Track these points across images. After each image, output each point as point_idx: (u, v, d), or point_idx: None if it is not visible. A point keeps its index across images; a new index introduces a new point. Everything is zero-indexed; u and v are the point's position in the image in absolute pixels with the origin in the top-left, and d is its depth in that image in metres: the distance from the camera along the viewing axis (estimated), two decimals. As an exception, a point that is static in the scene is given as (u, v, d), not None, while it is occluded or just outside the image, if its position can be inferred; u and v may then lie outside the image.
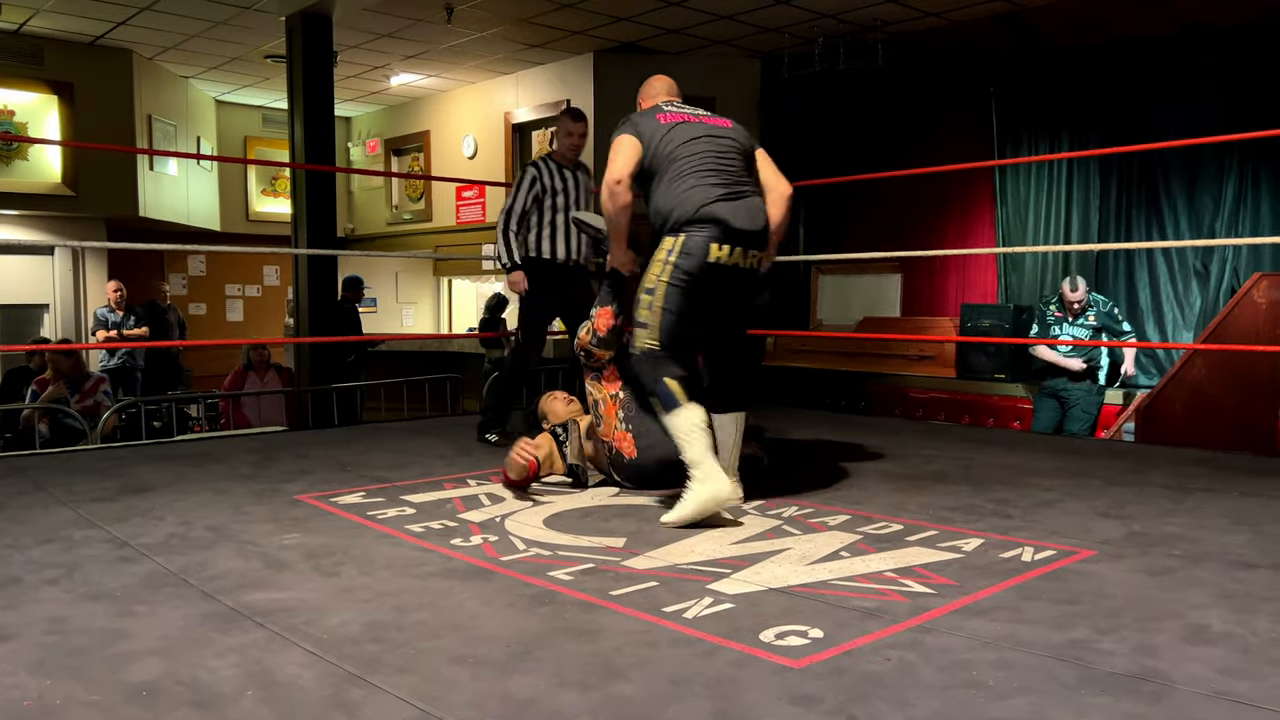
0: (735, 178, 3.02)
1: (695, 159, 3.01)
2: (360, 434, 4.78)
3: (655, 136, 3.07)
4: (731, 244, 2.92)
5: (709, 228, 2.92)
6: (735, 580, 2.23)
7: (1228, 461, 3.86)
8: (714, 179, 2.98)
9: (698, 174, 2.98)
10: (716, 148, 3.05)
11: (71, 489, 3.24)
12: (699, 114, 3.18)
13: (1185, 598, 2.10)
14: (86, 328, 9.07)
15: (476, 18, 7.75)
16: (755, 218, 2.98)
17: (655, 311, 2.98)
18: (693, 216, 2.93)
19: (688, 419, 2.85)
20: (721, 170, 3.00)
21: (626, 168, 3.05)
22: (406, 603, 2.08)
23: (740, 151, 3.10)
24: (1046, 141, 7.74)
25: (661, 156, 3.04)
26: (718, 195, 2.95)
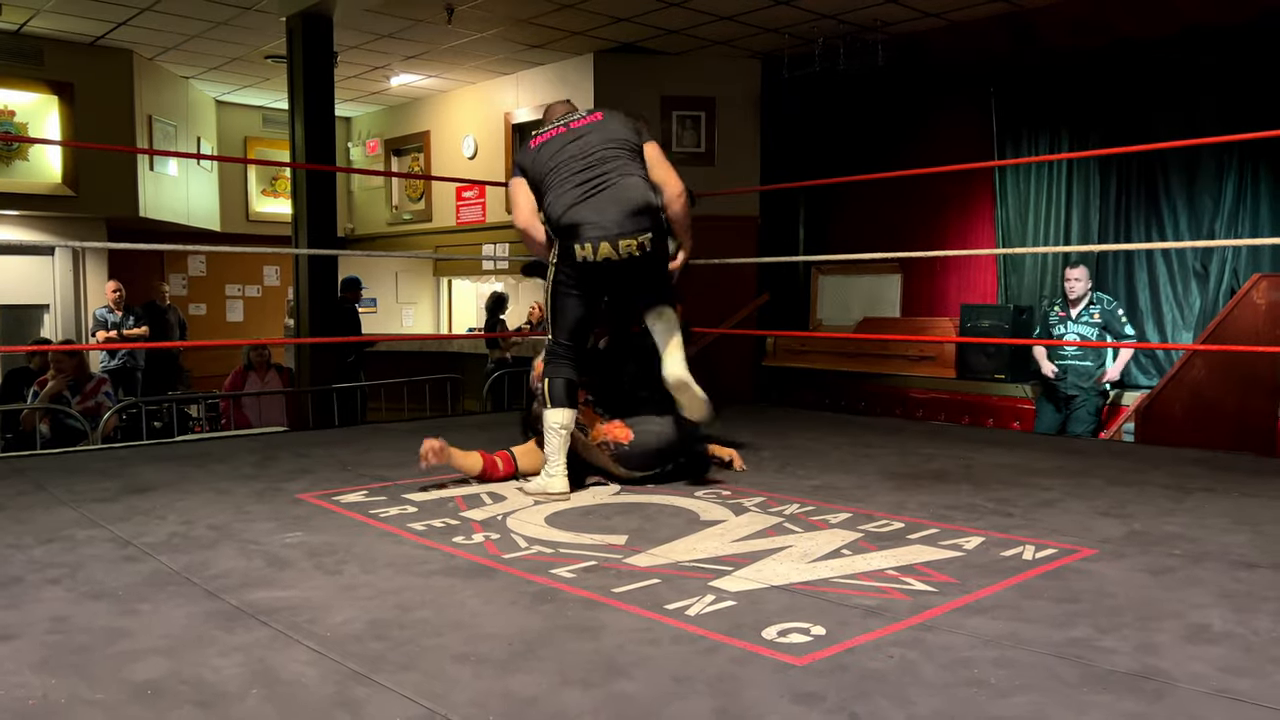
0: (596, 173, 3.15)
1: (558, 170, 3.20)
2: (361, 434, 4.78)
3: (532, 164, 3.29)
4: (597, 240, 3.09)
5: (571, 232, 3.13)
6: (737, 578, 2.23)
7: (1228, 462, 3.86)
8: (572, 183, 3.16)
9: (560, 182, 3.19)
10: (577, 151, 3.21)
11: (73, 489, 3.25)
12: (570, 121, 3.32)
13: (1186, 597, 2.11)
14: (86, 328, 9.07)
15: (477, 18, 7.75)
16: (621, 205, 3.10)
17: (548, 313, 3.33)
18: (557, 225, 3.17)
19: (554, 418, 3.19)
20: (581, 171, 3.17)
21: (528, 208, 3.29)
22: (409, 601, 2.08)
23: (606, 146, 3.21)
24: (1046, 142, 7.74)
25: (540, 177, 3.26)
26: (575, 199, 3.13)
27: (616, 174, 3.15)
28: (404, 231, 11.29)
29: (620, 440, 3.30)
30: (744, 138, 8.77)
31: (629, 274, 3.19)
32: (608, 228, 3.09)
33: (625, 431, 3.32)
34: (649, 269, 3.23)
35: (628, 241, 3.10)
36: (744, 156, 8.67)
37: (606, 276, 3.18)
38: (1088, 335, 5.95)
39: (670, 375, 3.22)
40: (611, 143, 3.22)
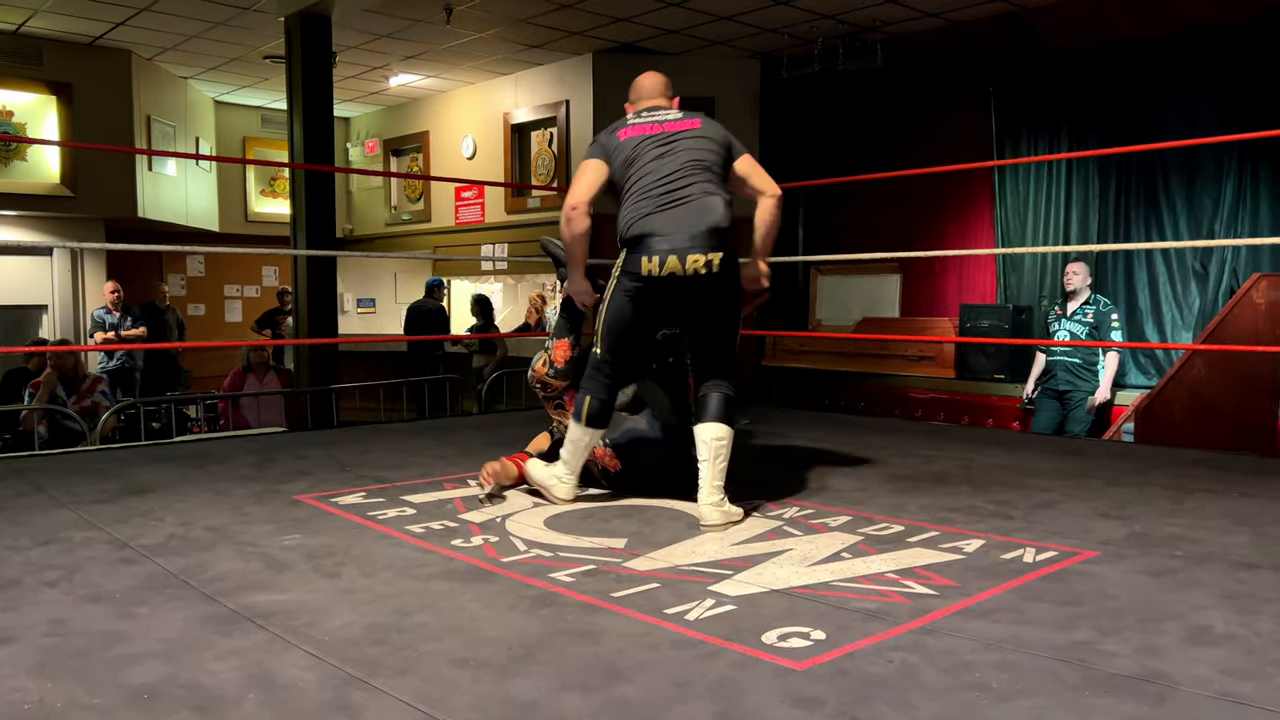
0: (678, 187, 2.95)
1: (640, 175, 2.98)
2: (360, 435, 4.77)
3: (616, 156, 3.05)
4: (665, 254, 2.86)
5: (644, 241, 2.91)
6: (737, 581, 2.23)
7: (1228, 462, 3.86)
8: (656, 190, 2.94)
9: (639, 189, 2.97)
10: (665, 159, 2.99)
11: (71, 490, 3.24)
12: (664, 120, 3.08)
13: (1188, 599, 2.10)
14: (84, 329, 9.05)
15: (475, 18, 7.74)
16: (697, 220, 2.89)
17: (601, 321, 3.06)
18: (629, 232, 2.95)
19: (580, 435, 3.06)
20: (663, 181, 2.95)
21: (587, 193, 3.03)
22: (407, 604, 2.07)
23: (697, 157, 3.01)
24: (1045, 142, 7.73)
25: (621, 174, 3.03)
26: (653, 208, 2.92)
27: (700, 192, 2.95)
28: (403, 232, 11.28)
29: (608, 468, 3.26)
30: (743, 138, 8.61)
31: (692, 301, 2.95)
32: (677, 242, 2.87)
33: (614, 461, 3.23)
34: (714, 302, 2.98)
35: (695, 257, 2.86)
36: (743, 156, 8.65)
37: (669, 297, 2.93)
38: (1078, 333, 5.95)
39: (706, 520, 2.81)
40: (700, 158, 3.02)
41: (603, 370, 3.05)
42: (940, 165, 6.00)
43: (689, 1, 7.31)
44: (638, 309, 2.97)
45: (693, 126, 3.07)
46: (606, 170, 3.05)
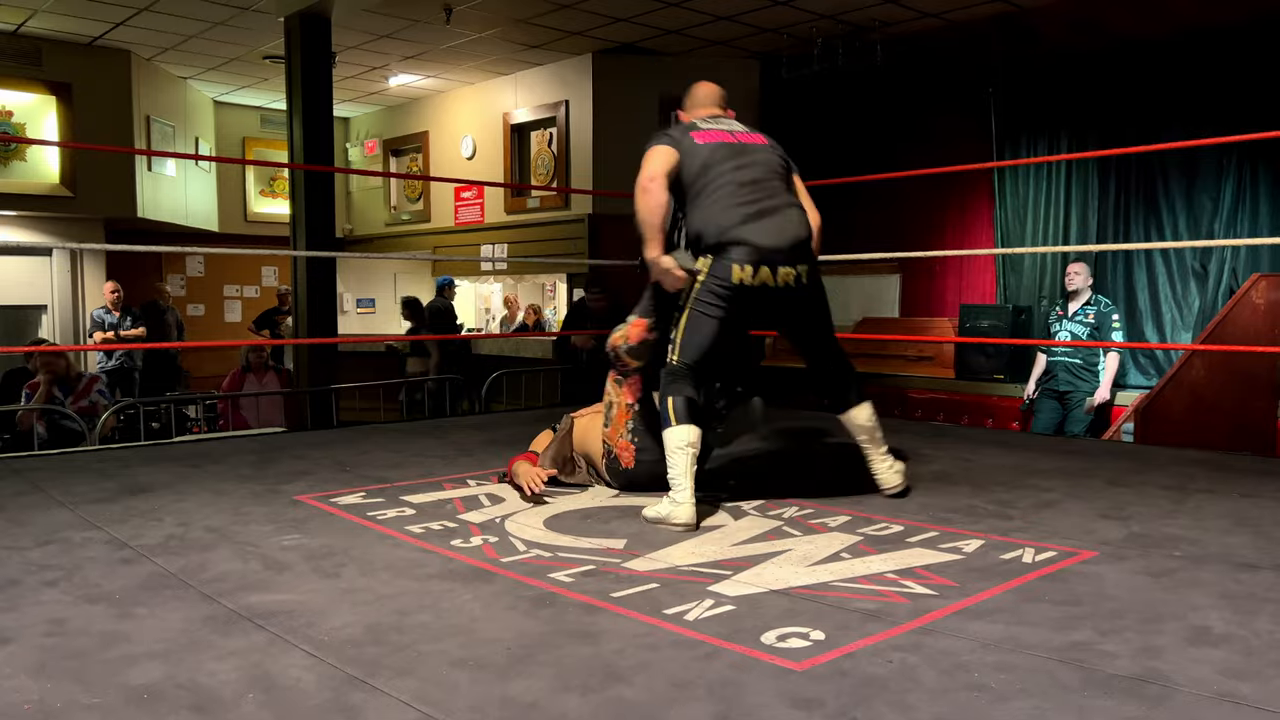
0: (762, 195, 2.99)
1: (718, 179, 2.99)
2: (359, 435, 4.77)
3: (690, 155, 3.04)
4: (757, 264, 2.89)
5: (734, 250, 2.91)
6: (736, 582, 2.23)
7: (1228, 462, 3.86)
8: (736, 199, 2.96)
9: (719, 195, 2.97)
10: (744, 167, 3.02)
11: (70, 490, 3.24)
12: (735, 131, 3.13)
13: (1187, 599, 2.10)
14: (84, 329, 9.06)
15: (475, 18, 7.75)
16: (785, 232, 2.95)
17: (680, 330, 3.03)
18: (718, 239, 2.93)
19: (678, 437, 2.89)
20: (745, 188, 2.98)
21: (662, 168, 3.03)
22: (407, 605, 2.07)
23: (773, 169, 3.08)
24: (1045, 142, 7.74)
25: (694, 176, 3.02)
26: (744, 216, 2.93)
27: (785, 203, 3.02)
28: (402, 232, 11.28)
29: (620, 460, 3.25)
30: (743, 138, 8.75)
31: (781, 310, 3.02)
32: (769, 254, 2.90)
33: (630, 458, 3.23)
34: (806, 308, 3.07)
35: (786, 270, 2.92)
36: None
37: (756, 307, 2.97)
38: (1079, 334, 5.96)
39: (889, 485, 3.12)
40: (776, 170, 3.09)
41: (679, 373, 2.99)
42: (940, 165, 6.00)
43: (689, 1, 7.31)
44: (722, 316, 2.96)
45: (761, 141, 3.14)
46: (677, 157, 3.05)
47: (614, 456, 3.26)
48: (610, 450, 3.28)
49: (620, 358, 3.30)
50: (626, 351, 3.29)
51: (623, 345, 3.29)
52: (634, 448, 3.23)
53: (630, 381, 3.29)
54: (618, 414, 3.28)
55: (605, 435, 3.31)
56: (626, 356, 3.29)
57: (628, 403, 3.27)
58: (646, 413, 3.22)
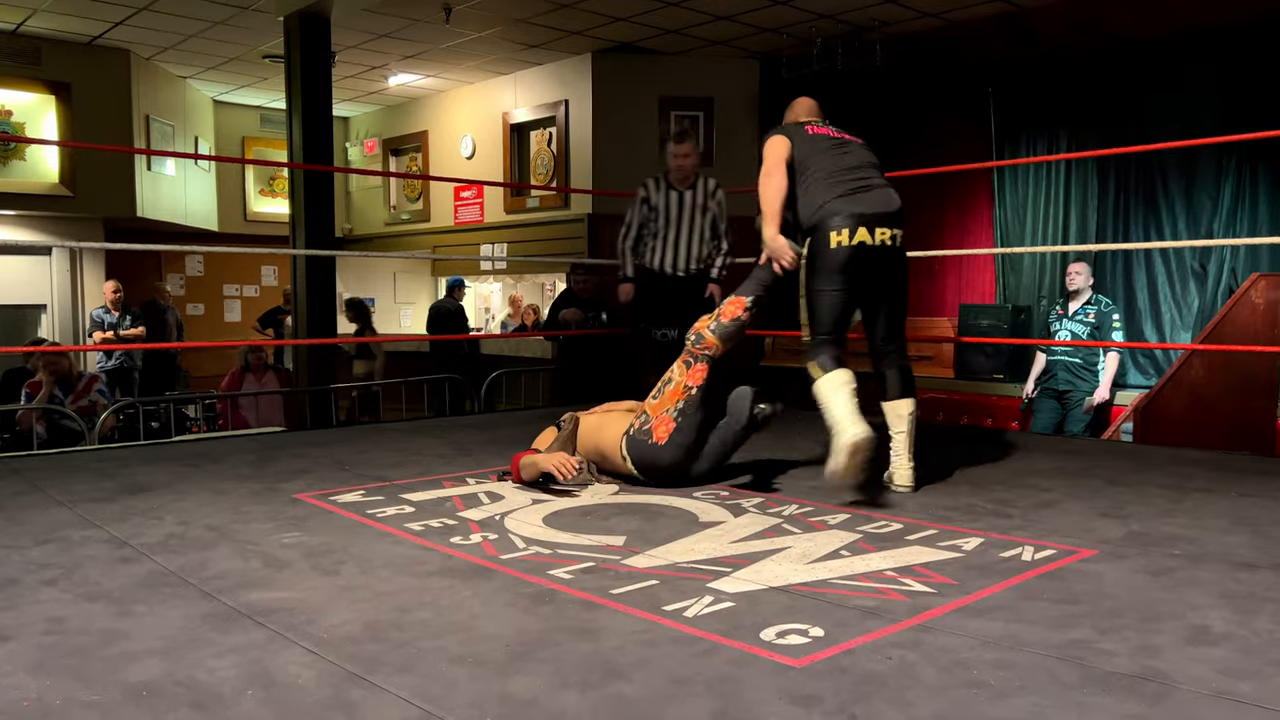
0: (862, 176, 3.32)
1: (824, 165, 3.32)
2: (359, 434, 4.77)
3: (801, 144, 3.39)
4: (854, 228, 3.17)
5: (831, 220, 3.20)
6: (735, 579, 2.23)
7: (1227, 462, 3.86)
8: (841, 179, 3.29)
9: (827, 176, 3.30)
10: (846, 155, 3.38)
11: (69, 489, 3.24)
12: (836, 130, 3.53)
13: (1186, 598, 2.10)
14: (83, 328, 9.05)
15: (475, 18, 7.75)
16: (885, 202, 3.25)
17: (803, 312, 3.35)
18: (817, 213, 3.25)
19: (829, 382, 3.14)
20: (848, 171, 3.31)
21: (781, 156, 3.35)
22: (406, 602, 2.07)
23: (870, 160, 3.43)
24: (1045, 141, 7.74)
25: (803, 163, 3.35)
26: (843, 191, 3.25)
27: (882, 184, 3.34)
28: (402, 231, 11.28)
29: (654, 432, 3.25)
30: (742, 138, 8.76)
31: (880, 272, 3.26)
32: (867, 218, 3.19)
33: (665, 434, 3.25)
34: (896, 275, 3.32)
35: (883, 231, 3.20)
36: (742, 156, 8.65)
37: (859, 266, 3.21)
38: (1079, 333, 5.96)
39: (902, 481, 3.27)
40: (873, 161, 3.45)
41: (819, 341, 3.26)
42: (940, 165, 6.00)
43: (688, 1, 7.31)
44: (834, 286, 3.23)
45: (858, 141, 3.51)
46: (790, 146, 3.38)
47: (647, 428, 3.28)
48: (647, 421, 3.29)
49: (704, 338, 3.34)
50: (715, 330, 3.34)
51: (712, 325, 3.35)
52: (674, 425, 3.26)
53: (698, 367, 3.33)
54: (672, 390, 3.32)
55: (649, 405, 3.35)
56: (711, 335, 3.34)
57: (687, 384, 3.31)
58: (700, 403, 3.29)
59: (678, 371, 3.35)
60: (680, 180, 5.03)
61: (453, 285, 9.56)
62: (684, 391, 3.30)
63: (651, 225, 5.05)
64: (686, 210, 5.02)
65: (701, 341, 3.34)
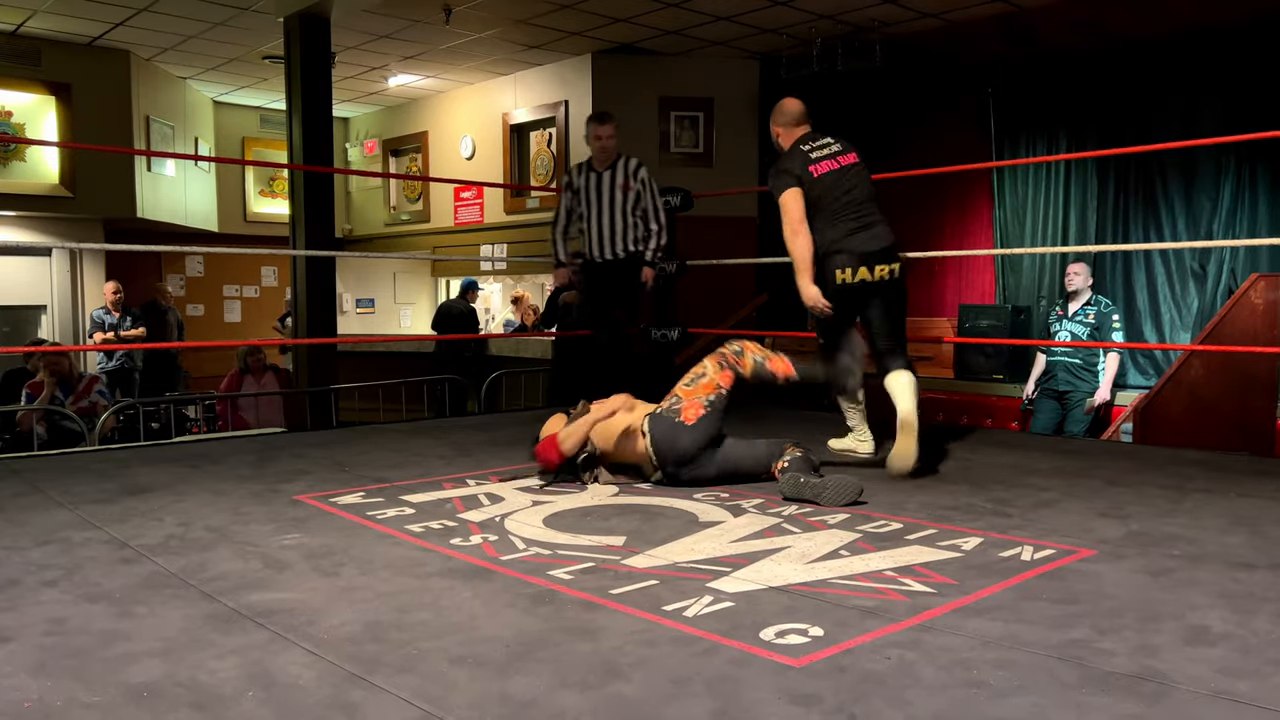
0: (864, 213, 3.75)
1: (831, 204, 3.73)
2: (359, 435, 4.77)
3: (810, 188, 3.75)
4: (856, 266, 3.67)
5: (837, 258, 3.69)
6: (735, 579, 2.23)
7: (1226, 462, 3.86)
8: (843, 216, 3.73)
9: (833, 216, 3.73)
10: (847, 190, 3.76)
11: (70, 490, 3.24)
12: (837, 154, 3.83)
13: (1185, 598, 2.10)
14: (84, 329, 9.06)
15: (475, 19, 7.75)
16: (880, 239, 3.72)
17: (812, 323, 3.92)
18: (823, 248, 3.72)
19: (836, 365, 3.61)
20: (850, 209, 3.74)
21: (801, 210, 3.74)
22: (406, 603, 2.08)
23: (868, 190, 3.82)
24: (1044, 142, 7.75)
25: (812, 202, 3.74)
26: (847, 230, 3.71)
27: (875, 220, 3.77)
28: (402, 232, 11.29)
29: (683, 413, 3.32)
30: (742, 138, 8.77)
31: (877, 298, 3.73)
32: (868, 256, 3.67)
33: (694, 416, 3.32)
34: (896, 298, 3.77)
35: (882, 267, 3.69)
36: (742, 157, 8.67)
37: (860, 297, 3.72)
38: (1079, 334, 5.96)
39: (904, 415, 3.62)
40: (869, 190, 3.83)
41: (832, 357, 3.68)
42: (940, 164, 6.01)
43: (688, 2, 7.32)
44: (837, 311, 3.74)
45: (855, 161, 3.85)
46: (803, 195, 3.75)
47: (676, 408, 3.34)
48: (678, 402, 3.36)
49: (743, 355, 3.45)
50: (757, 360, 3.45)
51: (759, 355, 3.46)
52: (703, 412, 3.33)
53: (728, 373, 3.41)
54: (706, 384, 3.39)
55: (680, 390, 3.41)
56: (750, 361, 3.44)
57: (719, 383, 3.39)
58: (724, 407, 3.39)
59: (711, 368, 3.43)
60: (600, 162, 5.05)
61: (466, 287, 9.52)
62: (715, 389, 3.38)
63: (578, 209, 5.10)
64: (606, 191, 5.04)
65: (740, 356, 3.44)
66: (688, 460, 3.31)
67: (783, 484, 3.14)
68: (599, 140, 4.99)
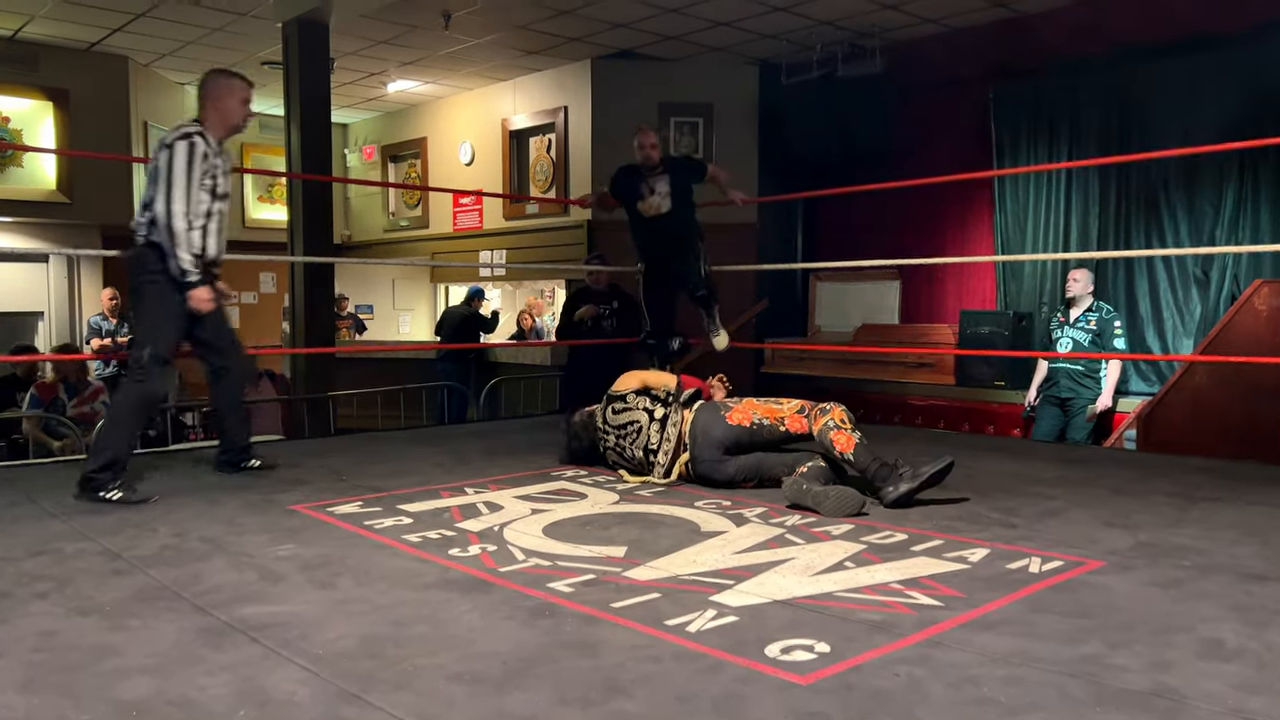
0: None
1: None
2: (356, 443, 4.73)
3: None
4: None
5: None
6: (738, 592, 2.19)
7: (1233, 470, 3.83)
8: None
9: None
10: None
11: (63, 501, 3.19)
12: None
13: (1197, 611, 2.07)
14: (81, 335, 9.01)
15: (474, 24, 7.72)
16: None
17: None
18: None
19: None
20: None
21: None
22: (403, 616, 2.04)
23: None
24: (1045, 147, 7.71)
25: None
26: None
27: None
28: (401, 238, 11.25)
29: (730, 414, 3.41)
30: (742, 143, 8.74)
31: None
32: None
33: (742, 419, 3.39)
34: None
35: None
36: (742, 162, 8.63)
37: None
38: (1081, 340, 5.92)
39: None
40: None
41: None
42: (940, 169, 5.96)
43: (688, 8, 7.29)
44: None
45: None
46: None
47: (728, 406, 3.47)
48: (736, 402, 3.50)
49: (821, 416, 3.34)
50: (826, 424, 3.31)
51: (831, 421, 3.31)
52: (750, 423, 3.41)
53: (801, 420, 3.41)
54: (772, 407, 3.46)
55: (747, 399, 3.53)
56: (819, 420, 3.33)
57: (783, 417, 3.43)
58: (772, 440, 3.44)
59: (788, 405, 3.44)
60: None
61: (473, 294, 9.47)
62: (776, 419, 3.41)
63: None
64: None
65: (822, 414, 3.34)
66: (713, 456, 3.40)
67: (786, 488, 3.12)
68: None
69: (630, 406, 3.61)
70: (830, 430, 3.26)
